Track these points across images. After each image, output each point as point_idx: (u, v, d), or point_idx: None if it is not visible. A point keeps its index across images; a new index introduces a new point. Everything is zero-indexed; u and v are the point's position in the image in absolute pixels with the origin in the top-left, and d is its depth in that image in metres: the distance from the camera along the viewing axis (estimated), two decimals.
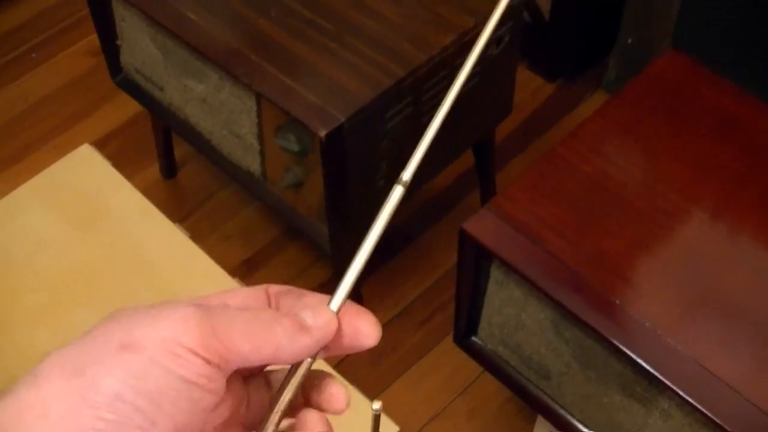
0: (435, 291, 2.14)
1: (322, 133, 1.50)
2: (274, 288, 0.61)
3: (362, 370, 2.01)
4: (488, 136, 2.02)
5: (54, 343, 1.25)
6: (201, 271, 1.34)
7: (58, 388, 0.51)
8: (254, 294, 0.60)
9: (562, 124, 2.41)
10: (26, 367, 1.24)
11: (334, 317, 0.58)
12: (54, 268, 1.34)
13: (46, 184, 1.42)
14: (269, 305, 0.60)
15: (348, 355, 2.03)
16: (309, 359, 0.58)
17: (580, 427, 1.53)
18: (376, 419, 1.05)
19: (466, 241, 1.44)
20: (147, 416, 0.50)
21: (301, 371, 0.58)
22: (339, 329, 0.58)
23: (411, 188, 0.63)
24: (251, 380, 0.60)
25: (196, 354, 0.51)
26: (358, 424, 1.18)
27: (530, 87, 2.47)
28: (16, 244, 1.36)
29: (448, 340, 1.98)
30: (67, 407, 0.50)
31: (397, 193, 0.62)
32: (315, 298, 0.60)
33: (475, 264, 1.48)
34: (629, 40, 2.29)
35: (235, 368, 0.54)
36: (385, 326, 2.10)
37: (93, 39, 2.59)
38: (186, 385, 0.51)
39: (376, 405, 1.02)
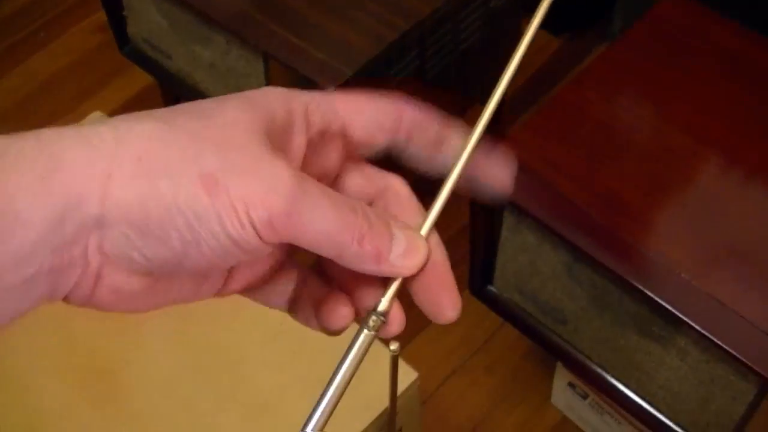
0: (450, 247, 2.11)
1: (331, 89, 1.51)
2: (409, 114, 0.58)
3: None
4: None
5: (73, 307, 1.27)
6: None
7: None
8: (384, 113, 0.57)
9: (570, 79, 2.41)
10: (48, 333, 1.25)
11: (420, 265, 0.56)
12: None
13: None
14: (399, 127, 0.58)
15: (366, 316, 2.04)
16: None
17: (599, 371, 1.54)
18: (394, 360, 1.06)
19: None
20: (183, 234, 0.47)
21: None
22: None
23: None
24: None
25: (255, 229, 0.47)
26: (376, 370, 1.19)
27: (536, 43, 2.44)
28: None
29: (465, 296, 1.99)
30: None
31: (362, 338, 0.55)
32: (413, 221, 0.58)
33: (487, 211, 1.49)
34: None
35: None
36: None
37: (100, 16, 2.59)
38: (229, 241, 0.47)
39: (393, 346, 1.03)
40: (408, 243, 0.54)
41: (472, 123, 0.58)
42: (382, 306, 0.54)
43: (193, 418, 1.20)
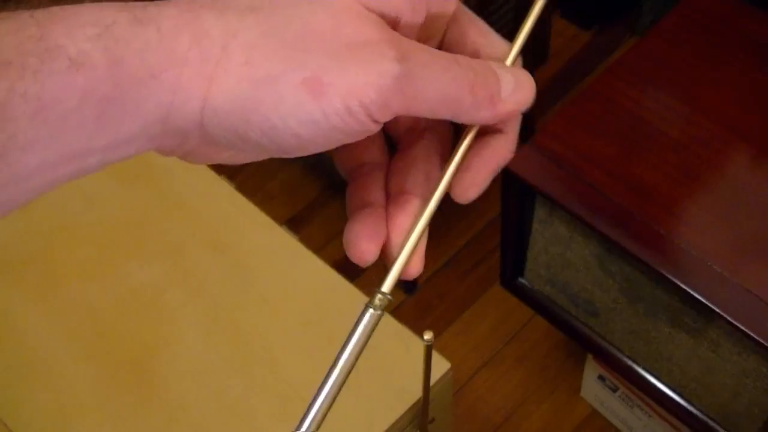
0: (480, 239, 2.15)
1: None
2: None
3: (411, 320, 2.02)
4: None
5: (106, 293, 1.27)
6: (248, 221, 1.35)
7: None
8: None
9: (599, 72, 2.41)
10: (80, 320, 1.26)
11: (531, 97, 0.53)
12: (103, 222, 1.36)
13: None
14: None
15: (396, 307, 2.04)
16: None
17: (629, 363, 1.54)
18: (428, 350, 1.06)
19: (509, 180, 1.45)
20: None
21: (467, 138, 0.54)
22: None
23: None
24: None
25: (370, 114, 0.47)
26: (409, 360, 1.19)
27: (565, 35, 2.47)
28: (66, 201, 1.38)
29: (495, 289, 2.00)
30: None
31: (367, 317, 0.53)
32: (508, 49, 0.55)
33: (519, 203, 1.48)
34: None
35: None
36: (434, 276, 2.12)
37: None
38: (342, 135, 0.47)
39: (428, 336, 1.03)
40: (515, 79, 0.53)
41: None
42: (386, 287, 0.54)
43: (224, 405, 1.21)
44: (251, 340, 1.24)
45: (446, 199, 0.57)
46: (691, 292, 1.29)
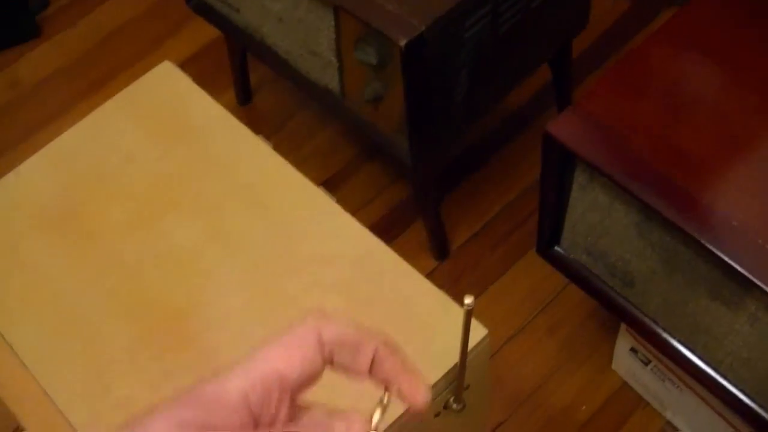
0: (516, 207, 2.14)
1: (402, 43, 1.50)
2: (329, 333, 0.62)
3: (445, 286, 2.01)
4: (565, 50, 2.00)
5: (144, 252, 1.27)
6: (286, 180, 1.35)
7: None
8: (307, 353, 0.62)
9: (638, 41, 2.39)
10: (117, 278, 1.25)
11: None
12: (141, 180, 1.35)
13: (131, 99, 1.44)
14: (322, 358, 0.62)
15: (431, 272, 2.04)
16: None
17: (665, 335, 1.53)
18: (468, 314, 1.05)
19: (549, 145, 1.43)
20: None
21: None
22: None
23: (490, 105, 0.60)
24: None
25: None
26: (447, 325, 1.18)
27: (606, 3, 2.45)
28: (104, 158, 1.38)
29: (529, 256, 1.99)
30: None
31: None
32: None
33: (558, 168, 1.47)
34: None
35: None
36: (467, 243, 2.11)
37: None
38: None
39: (468, 300, 1.02)
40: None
41: None
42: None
43: None
44: (289, 302, 1.23)
45: (481, 167, 0.58)
46: (731, 264, 1.28)
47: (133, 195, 1.34)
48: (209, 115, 1.41)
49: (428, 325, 1.19)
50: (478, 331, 1.19)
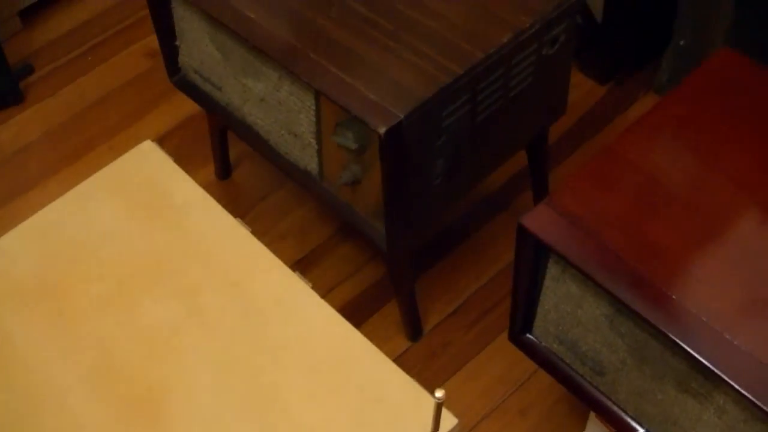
0: (489, 289, 2.16)
1: (382, 130, 1.52)
2: None
3: (418, 366, 2.03)
4: (542, 136, 2.03)
5: (119, 330, 1.28)
6: (261, 264, 1.36)
7: None
8: None
9: (614, 126, 2.42)
10: (93, 356, 1.26)
11: None
12: (119, 258, 1.36)
13: (112, 177, 1.45)
14: None
15: (404, 352, 2.05)
16: None
17: (633, 424, 1.54)
18: (438, 407, 1.06)
19: (523, 236, 1.46)
20: None
21: None
22: None
23: (466, 191, 0.61)
24: None
25: None
26: (418, 415, 1.20)
27: (582, 89, 2.48)
28: (83, 235, 1.39)
29: (502, 338, 2.00)
30: None
31: None
32: None
33: (532, 259, 1.49)
34: (681, 42, 2.29)
35: None
36: (440, 323, 2.12)
37: (149, 40, 2.64)
38: None
39: (439, 393, 1.03)
40: None
41: None
42: None
43: None
44: (262, 383, 1.24)
45: (455, 248, 0.59)
46: (699, 358, 1.30)
47: (111, 273, 1.35)
48: (189, 196, 1.43)
49: (398, 414, 1.21)
50: (449, 421, 1.21)
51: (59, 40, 2.74)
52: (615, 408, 1.56)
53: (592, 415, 1.81)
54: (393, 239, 1.74)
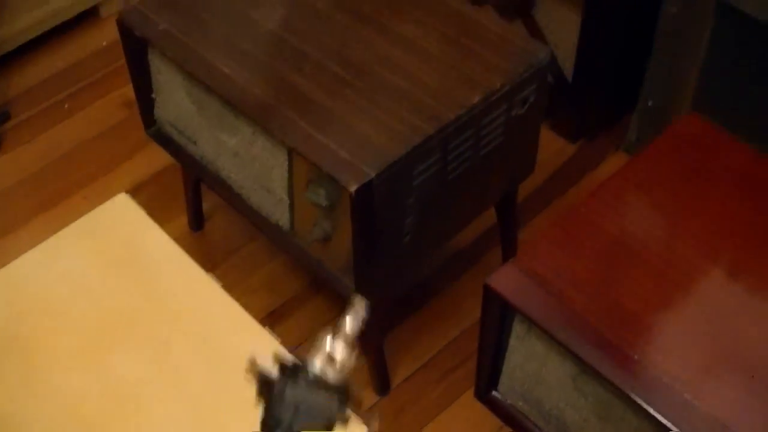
0: (458, 344, 2.17)
1: (353, 188, 1.54)
2: None
3: (385, 421, 2.03)
4: (511, 194, 2.06)
5: (87, 385, 1.28)
6: (232, 318, 1.38)
7: None
8: None
9: (583, 184, 2.44)
10: (61, 410, 1.27)
11: None
12: (90, 312, 1.37)
13: (85, 230, 1.47)
14: None
15: (372, 406, 2.06)
16: None
17: None
18: None
19: (489, 296, 1.48)
20: None
21: None
22: None
23: (436, 247, 0.63)
24: None
25: None
26: None
27: (552, 147, 2.51)
28: (55, 289, 1.40)
29: (469, 395, 2.01)
30: None
31: None
32: None
33: (498, 319, 1.51)
34: (649, 103, 2.33)
35: None
36: (409, 378, 2.13)
37: (126, 90, 2.65)
38: None
39: None
40: None
41: None
42: None
43: None
44: None
45: (424, 304, 0.61)
46: (661, 419, 1.32)
47: (81, 327, 1.36)
48: (161, 250, 1.44)
49: None
50: None
51: (36, 87, 2.76)
52: None
53: None
54: (362, 294, 1.75)
